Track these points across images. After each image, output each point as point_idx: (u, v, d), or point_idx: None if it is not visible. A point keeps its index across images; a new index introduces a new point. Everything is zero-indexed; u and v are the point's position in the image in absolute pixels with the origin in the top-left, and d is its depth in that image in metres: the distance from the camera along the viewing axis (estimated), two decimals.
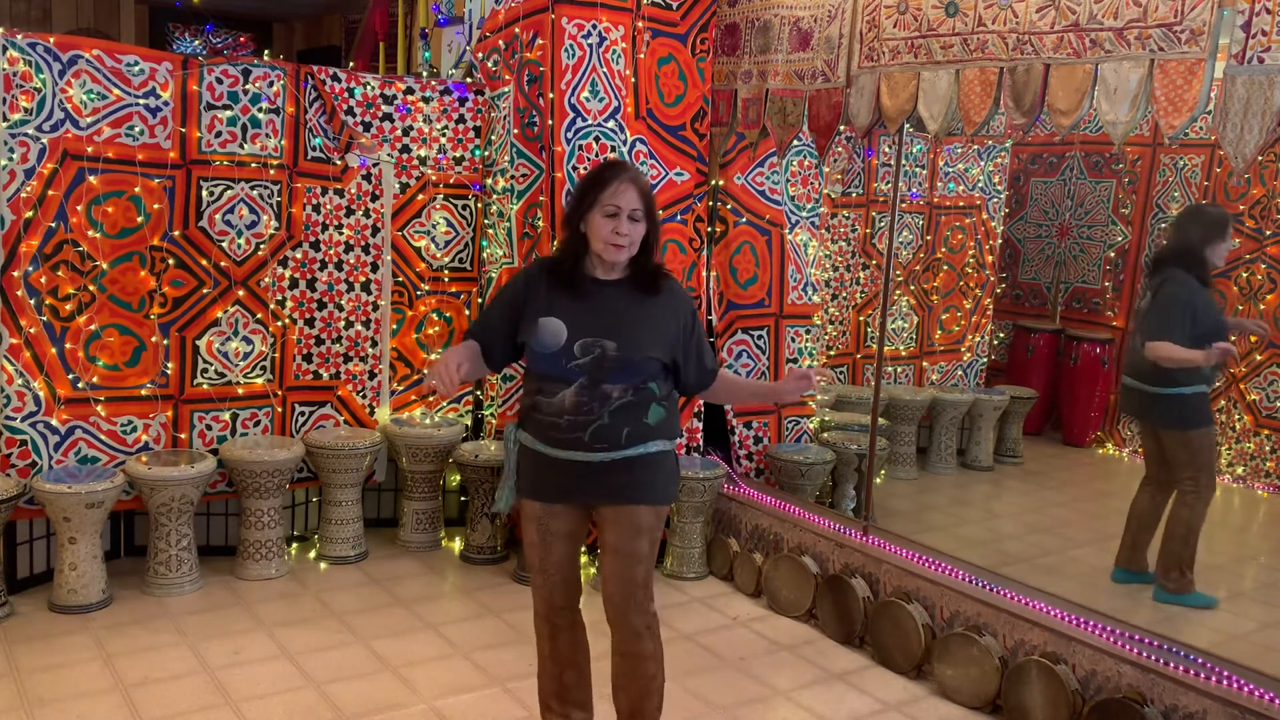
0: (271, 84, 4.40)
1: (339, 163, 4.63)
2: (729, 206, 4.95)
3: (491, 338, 2.93)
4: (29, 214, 3.98)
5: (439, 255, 4.91)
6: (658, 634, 2.97)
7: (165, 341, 4.33)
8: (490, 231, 4.93)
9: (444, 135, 4.84)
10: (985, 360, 6.37)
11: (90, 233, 4.11)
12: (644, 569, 2.90)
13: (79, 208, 4.08)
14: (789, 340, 5.08)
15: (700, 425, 4.91)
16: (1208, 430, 4.19)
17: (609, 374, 2.78)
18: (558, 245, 2.94)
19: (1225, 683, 3.05)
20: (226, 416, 4.50)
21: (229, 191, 4.38)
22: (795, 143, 4.88)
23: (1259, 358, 5.59)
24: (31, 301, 4.02)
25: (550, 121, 4.51)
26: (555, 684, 3.05)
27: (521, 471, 2.95)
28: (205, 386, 4.44)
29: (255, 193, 4.44)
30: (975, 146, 6.09)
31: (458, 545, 4.86)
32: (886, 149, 5.79)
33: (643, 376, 2.82)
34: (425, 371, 2.69)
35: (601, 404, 2.78)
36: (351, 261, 4.72)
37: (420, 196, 4.84)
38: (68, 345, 4.11)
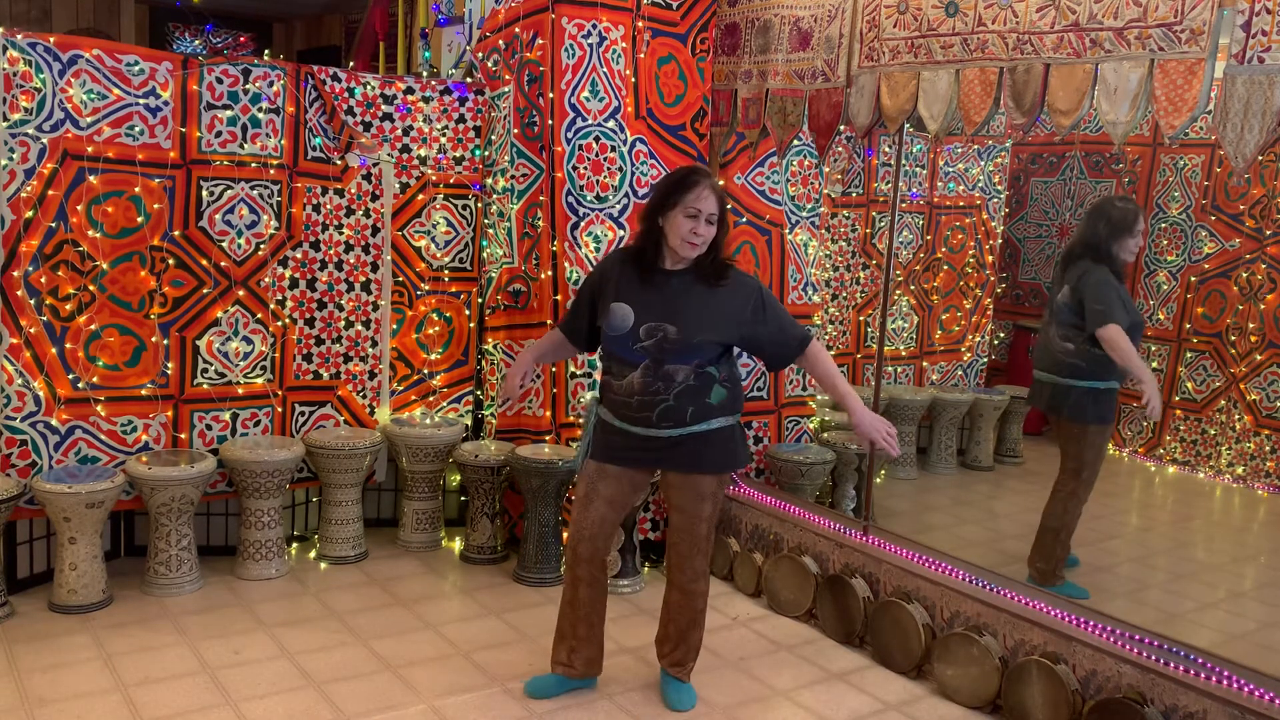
0: (271, 84, 4.40)
1: (339, 163, 4.63)
2: (729, 206, 4.94)
3: (578, 324, 3.36)
4: (29, 214, 3.98)
5: (439, 255, 4.91)
6: (709, 580, 3.43)
7: (165, 341, 4.33)
8: (490, 231, 4.93)
9: (444, 135, 4.84)
10: (985, 360, 6.37)
11: (90, 233, 4.11)
12: (706, 527, 3.33)
13: (79, 207, 4.08)
14: None
15: None
16: (1105, 429, 4.20)
17: (670, 356, 3.12)
18: (638, 235, 3.26)
19: (1225, 683, 3.05)
20: (226, 416, 4.50)
21: (229, 191, 4.38)
22: (795, 143, 4.88)
23: (1259, 358, 5.59)
24: (31, 301, 4.02)
25: (550, 121, 4.51)
26: (570, 637, 3.45)
27: (596, 440, 3.33)
28: (205, 386, 4.44)
29: (255, 193, 4.44)
30: (975, 146, 6.08)
31: (458, 545, 4.86)
32: (886, 149, 5.79)
33: (702, 359, 3.15)
34: (497, 394, 3.32)
35: (667, 385, 3.14)
36: (351, 261, 4.72)
37: (420, 196, 4.84)
38: (68, 345, 4.11)
